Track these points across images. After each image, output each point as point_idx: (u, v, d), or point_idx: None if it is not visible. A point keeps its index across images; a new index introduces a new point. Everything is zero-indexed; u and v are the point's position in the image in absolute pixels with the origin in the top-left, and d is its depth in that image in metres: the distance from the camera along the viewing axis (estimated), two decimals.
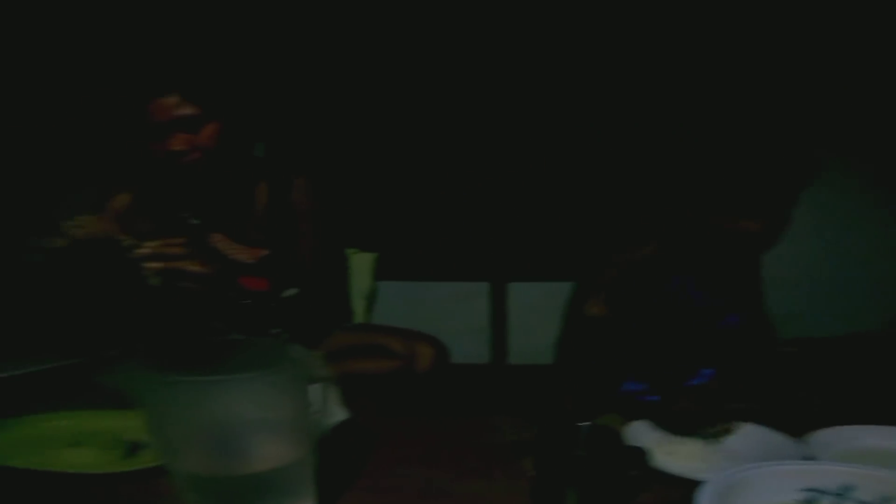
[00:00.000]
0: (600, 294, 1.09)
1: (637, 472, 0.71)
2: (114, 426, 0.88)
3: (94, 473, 0.72)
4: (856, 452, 0.80)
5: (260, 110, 1.81)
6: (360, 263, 1.65)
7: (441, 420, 1.08)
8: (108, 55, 2.12)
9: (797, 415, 0.92)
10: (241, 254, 1.30)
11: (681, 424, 0.89)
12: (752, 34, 2.02)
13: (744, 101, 2.00)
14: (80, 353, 1.20)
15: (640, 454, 0.70)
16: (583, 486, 0.65)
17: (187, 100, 1.11)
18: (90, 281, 1.11)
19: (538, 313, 2.00)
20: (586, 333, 1.13)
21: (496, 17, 2.07)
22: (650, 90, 2.04)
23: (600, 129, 2.07)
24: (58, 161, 2.31)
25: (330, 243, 1.42)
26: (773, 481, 0.59)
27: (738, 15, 2.01)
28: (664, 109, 2.00)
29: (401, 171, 2.19)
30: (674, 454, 0.83)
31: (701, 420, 0.89)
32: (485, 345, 2.04)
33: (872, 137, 2.11)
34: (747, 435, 0.87)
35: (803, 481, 0.59)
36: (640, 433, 0.87)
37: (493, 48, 2.09)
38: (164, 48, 1.95)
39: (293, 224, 1.34)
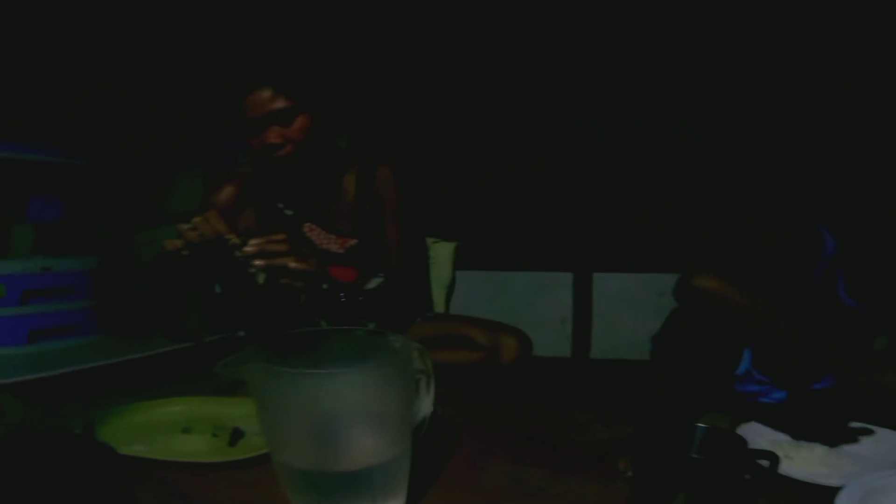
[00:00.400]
0: (713, 268, 1.03)
1: (753, 476, 0.65)
2: (221, 413, 0.93)
3: (205, 462, 0.76)
4: None
5: (344, 102, 1.85)
6: (441, 253, 1.65)
7: (527, 414, 1.05)
8: (206, 53, 2.26)
9: None
10: (331, 243, 1.33)
11: (802, 427, 0.82)
12: None
13: None
14: (188, 339, 1.29)
15: (768, 459, 0.64)
16: (695, 491, 0.60)
17: (279, 93, 1.15)
18: (202, 278, 1.17)
19: (625, 305, 1.92)
20: (696, 310, 1.07)
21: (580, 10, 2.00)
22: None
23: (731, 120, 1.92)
24: (163, 150, 2.51)
25: (413, 231, 1.42)
26: None
27: None
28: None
29: (483, 161, 2.16)
30: (792, 458, 0.76)
31: (826, 424, 0.81)
32: (566, 337, 1.99)
33: None
34: (878, 440, 0.80)
35: None
36: (754, 436, 0.80)
37: (570, 41, 2.02)
38: (255, 44, 2.05)
39: (379, 212, 1.35)
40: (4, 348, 1.76)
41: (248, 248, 1.01)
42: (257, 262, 1.02)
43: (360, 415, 0.55)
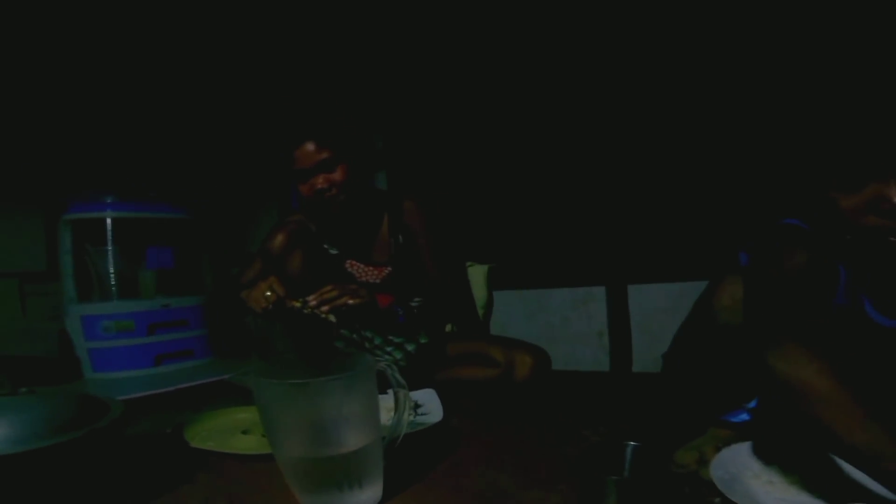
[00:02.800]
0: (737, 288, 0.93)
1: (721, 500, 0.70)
2: None
3: (252, 454, 0.99)
4: None
5: (377, 145, 2.05)
6: (475, 275, 1.77)
7: (532, 427, 1.14)
8: (265, 113, 2.64)
9: None
10: (369, 275, 1.54)
11: (789, 452, 0.82)
12: None
13: None
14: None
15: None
16: None
17: (321, 146, 1.37)
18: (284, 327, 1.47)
19: (666, 316, 1.91)
20: (715, 332, 0.99)
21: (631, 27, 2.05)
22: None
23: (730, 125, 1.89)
24: (246, 198, 2.94)
25: (445, 254, 1.57)
26: None
27: None
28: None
29: (510, 183, 2.25)
30: (774, 483, 0.79)
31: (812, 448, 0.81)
32: (605, 351, 2.00)
33: None
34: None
35: None
36: (736, 458, 0.84)
37: (599, 58, 2.07)
38: (298, 107, 2.36)
39: (411, 242, 1.53)
40: (137, 370, 2.21)
41: (311, 303, 1.28)
42: (324, 309, 1.28)
43: (328, 414, 0.73)
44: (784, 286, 0.87)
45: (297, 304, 1.29)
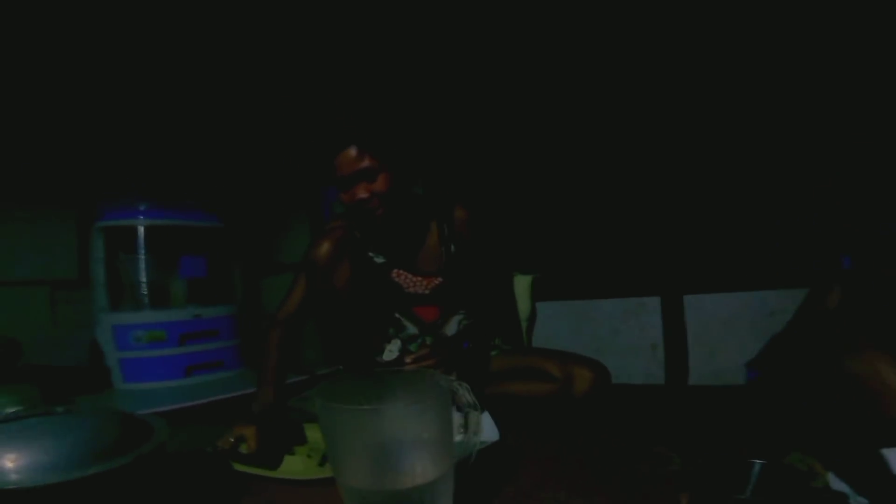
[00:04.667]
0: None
1: None
2: (317, 437, 1.10)
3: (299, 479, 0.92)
4: None
5: (420, 155, 2.00)
6: (519, 286, 1.69)
7: (599, 445, 1.06)
8: (302, 116, 2.60)
9: None
10: (416, 286, 1.46)
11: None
12: None
13: None
14: (304, 372, 1.51)
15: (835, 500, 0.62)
16: None
17: (364, 152, 1.29)
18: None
19: (725, 327, 1.80)
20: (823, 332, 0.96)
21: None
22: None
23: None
24: (277, 207, 2.89)
25: (495, 265, 1.49)
26: None
27: None
28: None
29: (559, 186, 2.18)
30: None
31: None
32: (658, 364, 1.89)
33: None
34: None
35: None
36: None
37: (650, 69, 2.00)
38: (342, 110, 2.32)
39: (462, 252, 1.45)
40: (166, 381, 2.16)
41: (407, 366, 1.21)
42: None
43: (401, 441, 0.65)
44: (882, 294, 0.83)
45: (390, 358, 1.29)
